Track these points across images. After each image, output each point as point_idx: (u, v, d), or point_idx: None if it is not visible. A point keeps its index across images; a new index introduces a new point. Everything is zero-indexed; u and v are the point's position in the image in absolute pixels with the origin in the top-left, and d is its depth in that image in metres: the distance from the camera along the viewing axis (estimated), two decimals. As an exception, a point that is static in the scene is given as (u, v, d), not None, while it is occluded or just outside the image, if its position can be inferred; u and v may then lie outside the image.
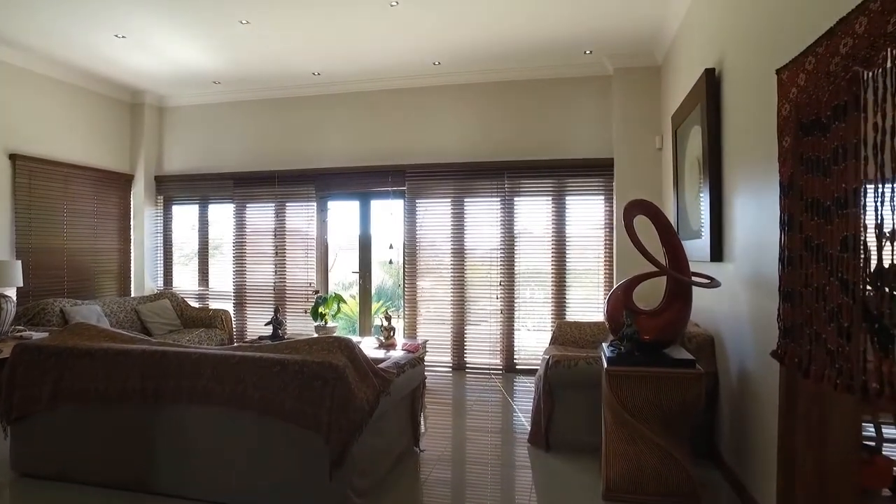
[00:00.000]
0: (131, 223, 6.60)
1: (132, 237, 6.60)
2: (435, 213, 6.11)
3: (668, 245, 2.92)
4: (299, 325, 6.25)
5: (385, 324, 4.88)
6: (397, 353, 4.53)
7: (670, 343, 2.91)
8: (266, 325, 5.15)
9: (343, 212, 6.74)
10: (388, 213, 6.28)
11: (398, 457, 3.26)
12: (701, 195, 3.55)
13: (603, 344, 3.22)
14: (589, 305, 5.83)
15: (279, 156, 6.44)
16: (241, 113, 6.58)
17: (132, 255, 6.60)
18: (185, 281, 6.86)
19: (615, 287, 3.08)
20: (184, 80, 6.10)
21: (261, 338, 5.12)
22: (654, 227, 2.94)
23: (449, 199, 6.06)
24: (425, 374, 4.95)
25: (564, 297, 5.84)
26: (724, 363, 3.22)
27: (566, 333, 5.09)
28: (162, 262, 6.81)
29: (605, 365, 2.82)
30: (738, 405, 2.95)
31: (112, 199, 6.39)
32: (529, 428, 3.80)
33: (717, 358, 3.32)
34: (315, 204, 6.37)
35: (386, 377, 2.88)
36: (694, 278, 2.91)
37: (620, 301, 2.99)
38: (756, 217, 2.67)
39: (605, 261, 5.75)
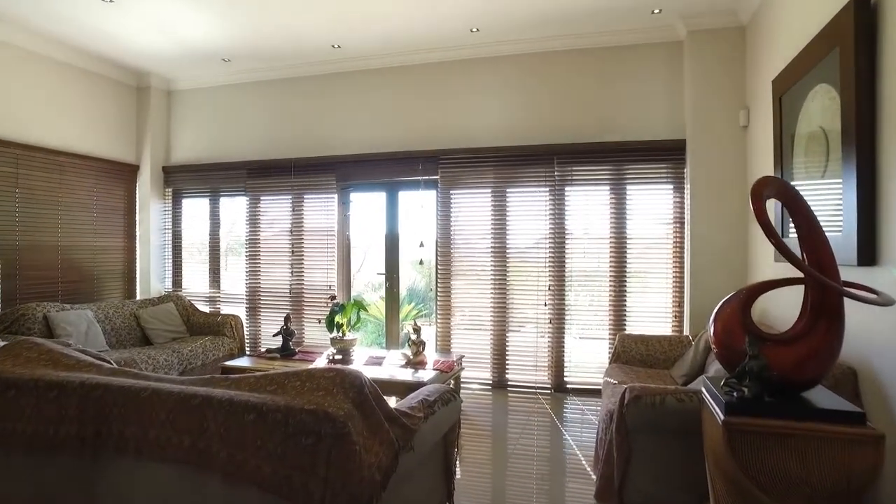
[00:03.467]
0: (136, 218, 6.00)
1: (137, 234, 6.00)
2: (472, 205, 5.30)
3: (810, 242, 2.03)
4: (317, 335, 5.53)
5: (413, 337, 4.10)
6: (427, 374, 3.74)
7: (813, 383, 2.03)
8: (275, 335, 4.43)
9: (368, 205, 5.99)
10: (418, 205, 5.50)
11: (425, 523, 2.47)
12: (835, 177, 2.63)
13: (704, 377, 2.35)
14: (654, 315, 4.92)
15: (296, 142, 5.73)
16: (254, 95, 5.90)
17: (137, 253, 6.00)
18: (196, 282, 6.23)
19: (726, 300, 2.21)
20: (190, 57, 5.45)
21: (268, 350, 4.41)
22: (791, 216, 2.05)
23: (489, 190, 5.23)
24: (462, 403, 4.14)
25: (624, 305, 4.95)
26: (880, 408, 2.31)
27: (629, 349, 4.23)
28: (171, 260, 6.20)
29: (721, 413, 1.95)
30: (914, 474, 2.05)
31: (115, 192, 5.80)
32: (596, 480, 2.95)
33: (864, 400, 2.41)
34: (336, 196, 5.63)
35: (409, 425, 2.09)
36: (851, 290, 2.01)
37: (737, 320, 2.12)
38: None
39: (675, 262, 4.83)
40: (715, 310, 2.25)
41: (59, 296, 5.15)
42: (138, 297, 5.95)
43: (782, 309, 3.24)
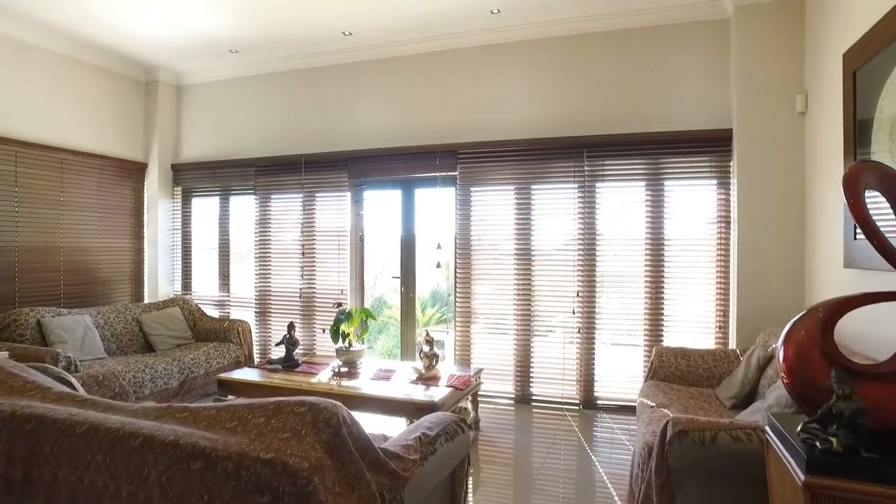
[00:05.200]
0: (144, 218, 5.77)
1: (145, 234, 5.76)
2: (494, 203, 4.88)
3: (918, 246, 1.56)
4: (329, 343, 5.17)
5: (426, 349, 3.71)
6: (439, 391, 3.35)
7: (925, 431, 1.56)
8: (277, 345, 4.11)
9: (383, 204, 5.63)
10: (436, 204, 5.11)
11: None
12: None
13: (768, 413, 1.89)
14: (695, 326, 4.42)
15: (306, 137, 5.40)
16: (263, 88, 5.60)
17: (145, 254, 5.76)
18: (206, 285, 5.96)
19: (798, 320, 1.76)
20: (197, 48, 5.17)
21: (270, 361, 4.08)
22: (894, 209, 1.58)
23: (512, 187, 4.81)
24: (478, 423, 3.75)
25: (661, 314, 4.46)
26: None
27: (668, 364, 3.76)
28: (180, 262, 5.95)
29: (801, 472, 1.50)
30: None
31: (121, 191, 5.57)
32: (632, 526, 2.52)
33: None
34: (349, 194, 5.29)
35: (399, 472, 1.70)
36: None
37: (816, 346, 1.66)
38: None
39: (719, 266, 4.32)
40: (784, 331, 1.80)
41: (62, 299, 4.93)
42: (146, 301, 5.72)
43: (863, 328, 2.67)
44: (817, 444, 1.52)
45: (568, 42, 4.63)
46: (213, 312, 5.74)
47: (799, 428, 1.59)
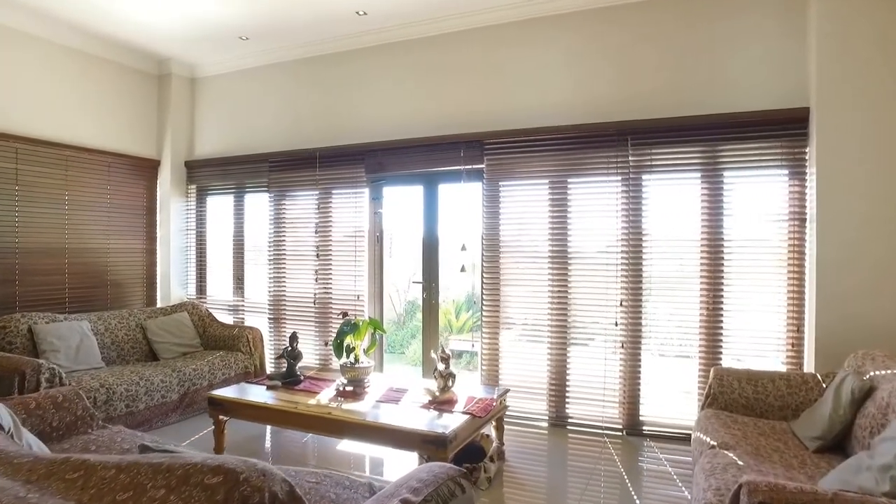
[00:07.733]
0: (157, 218, 5.49)
1: (157, 235, 5.48)
2: (525, 200, 4.34)
3: None
4: (343, 352, 4.75)
5: (441, 367, 3.20)
6: (453, 420, 2.85)
7: None
8: (278, 358, 3.69)
9: (403, 202, 5.17)
10: (461, 200, 4.61)
11: None
12: None
13: (883, 472, 1.30)
14: (760, 341, 3.76)
15: (320, 129, 5.00)
16: (276, 78, 5.24)
17: (157, 256, 5.48)
18: (221, 288, 5.64)
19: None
20: (207, 37, 4.85)
21: (270, 377, 3.67)
22: None
23: (545, 180, 4.26)
24: (503, 453, 3.14)
25: (719, 326, 3.82)
26: None
27: (730, 390, 3.16)
28: (194, 265, 5.65)
29: None
30: None
31: (133, 190, 5.31)
32: None
33: None
34: (366, 191, 4.85)
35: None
36: None
37: None
38: None
39: (791, 271, 3.64)
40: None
41: (66, 304, 4.68)
42: (159, 305, 5.44)
43: None
44: None
45: (608, 14, 4.04)
46: (228, 318, 5.42)
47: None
